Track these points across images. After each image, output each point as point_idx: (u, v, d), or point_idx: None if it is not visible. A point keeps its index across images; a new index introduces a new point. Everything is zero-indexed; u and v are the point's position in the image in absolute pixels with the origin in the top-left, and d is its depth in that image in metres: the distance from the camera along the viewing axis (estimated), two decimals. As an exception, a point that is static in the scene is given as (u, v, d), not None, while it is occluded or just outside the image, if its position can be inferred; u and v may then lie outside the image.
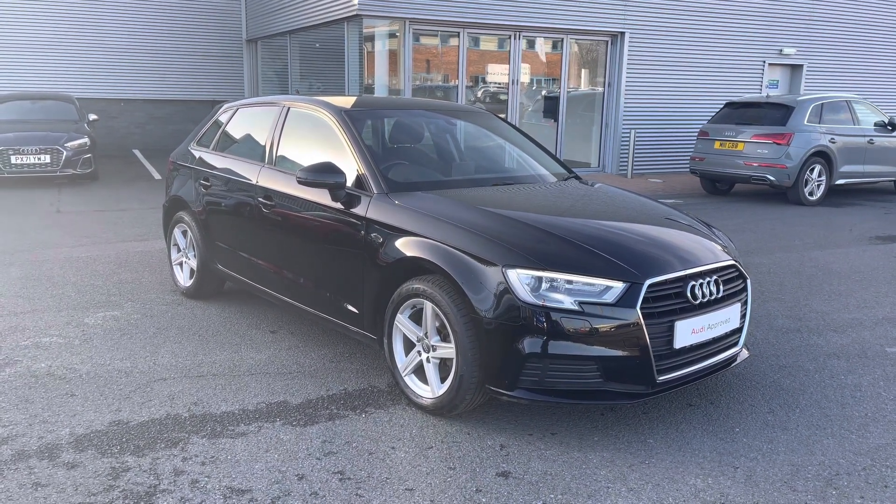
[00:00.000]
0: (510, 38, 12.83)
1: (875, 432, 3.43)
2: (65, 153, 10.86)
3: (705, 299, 3.34)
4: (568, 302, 3.09)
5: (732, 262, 3.59)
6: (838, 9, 15.16)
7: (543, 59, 13.64)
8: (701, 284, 3.34)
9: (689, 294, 3.28)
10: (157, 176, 12.48)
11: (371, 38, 12.41)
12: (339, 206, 3.89)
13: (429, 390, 3.47)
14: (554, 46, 13.54)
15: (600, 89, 13.90)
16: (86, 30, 16.08)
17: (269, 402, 3.61)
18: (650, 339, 3.12)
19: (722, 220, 9.12)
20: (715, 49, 14.17)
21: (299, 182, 3.93)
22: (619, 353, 3.10)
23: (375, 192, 3.82)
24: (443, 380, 3.40)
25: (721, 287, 3.44)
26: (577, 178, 4.73)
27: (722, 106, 12.04)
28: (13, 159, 10.63)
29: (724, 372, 3.89)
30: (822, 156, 10.81)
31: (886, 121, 11.60)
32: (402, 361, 3.60)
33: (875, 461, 3.16)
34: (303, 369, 4.05)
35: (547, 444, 3.23)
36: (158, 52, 16.73)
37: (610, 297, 3.11)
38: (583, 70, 14.28)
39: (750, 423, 3.48)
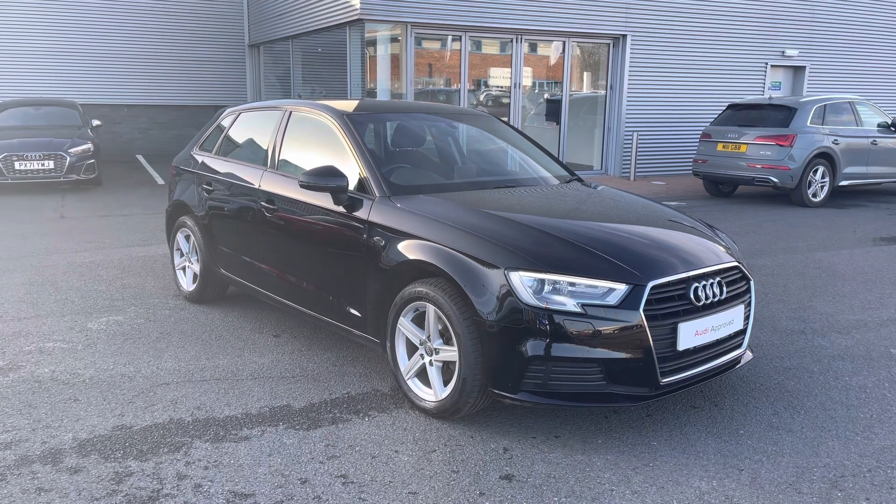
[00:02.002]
0: (512, 41, 12.85)
1: (880, 434, 3.41)
2: (68, 159, 10.89)
3: (709, 301, 3.33)
4: (571, 304, 3.09)
5: (736, 264, 3.58)
6: (840, 10, 15.15)
7: (553, 60, 13.63)
8: (704, 286, 3.33)
9: (692, 296, 3.27)
10: (160, 181, 12.51)
11: (373, 43, 12.43)
12: (341, 209, 3.90)
13: (432, 393, 3.46)
14: (556, 50, 13.54)
15: (602, 92, 13.91)
16: (89, 36, 16.15)
17: (272, 407, 3.61)
18: (653, 341, 3.11)
19: (725, 222, 9.11)
20: (717, 51, 14.17)
21: (301, 186, 3.93)
22: (623, 355, 3.09)
23: (377, 195, 3.82)
24: (446, 383, 3.40)
25: (724, 289, 3.43)
26: (580, 180, 4.72)
27: (724, 108, 12.03)
28: (17, 165, 10.66)
29: (727, 374, 3.88)
30: (826, 157, 10.79)
31: (890, 122, 11.56)
32: (405, 365, 3.60)
33: (881, 463, 3.14)
34: (306, 373, 4.05)
35: (550, 447, 3.22)
36: (161, 57, 16.80)
37: (613, 300, 3.11)
38: (585, 73, 14.28)
39: (754, 425, 3.47)
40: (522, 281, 3.12)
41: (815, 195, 10.83)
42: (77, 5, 16.01)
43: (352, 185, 3.92)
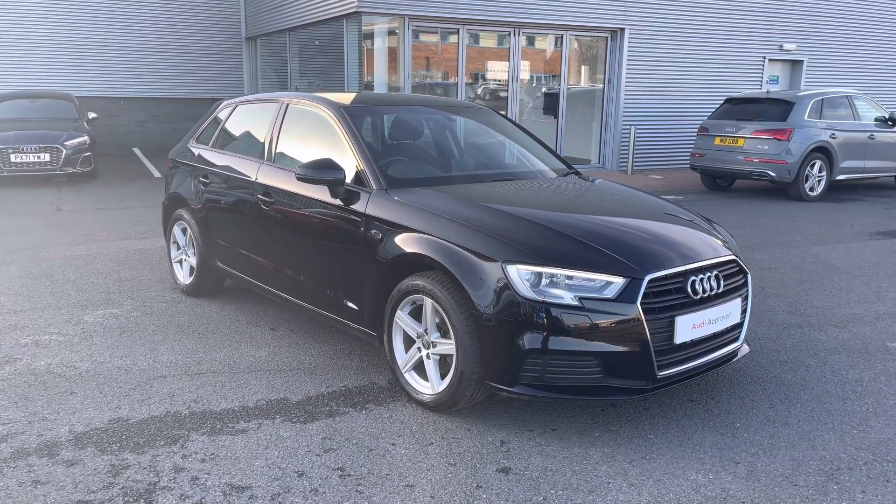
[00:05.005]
0: (510, 34, 12.82)
1: (876, 427, 3.42)
2: (64, 152, 10.85)
3: (706, 294, 3.33)
4: (568, 297, 3.08)
5: (733, 258, 3.59)
6: (838, 4, 15.14)
7: (548, 55, 13.61)
8: (701, 280, 3.33)
9: (689, 289, 3.27)
10: (156, 174, 12.48)
11: (370, 36, 12.39)
12: (338, 202, 3.89)
13: (429, 387, 3.46)
14: (554, 43, 13.52)
15: (600, 86, 13.89)
16: (85, 28, 16.07)
17: (269, 399, 3.60)
18: (650, 334, 3.11)
19: (722, 216, 9.11)
20: (715, 45, 14.15)
21: (298, 179, 3.92)
22: (620, 348, 3.09)
23: (375, 188, 3.81)
24: (443, 376, 3.40)
25: (721, 282, 3.43)
26: (577, 173, 4.72)
27: (722, 102, 12.02)
28: (13, 158, 10.62)
29: (724, 367, 3.88)
30: (823, 151, 10.80)
31: (887, 116, 11.57)
32: (402, 358, 3.60)
33: (876, 456, 3.15)
34: (303, 366, 4.05)
35: (547, 440, 3.23)
36: (158, 50, 16.72)
37: (610, 293, 3.10)
38: (583, 66, 14.26)
39: (751, 419, 3.48)
40: (520, 274, 3.12)
41: (812, 189, 10.84)
42: (73, -3, 15.94)
43: (349, 178, 3.90)
